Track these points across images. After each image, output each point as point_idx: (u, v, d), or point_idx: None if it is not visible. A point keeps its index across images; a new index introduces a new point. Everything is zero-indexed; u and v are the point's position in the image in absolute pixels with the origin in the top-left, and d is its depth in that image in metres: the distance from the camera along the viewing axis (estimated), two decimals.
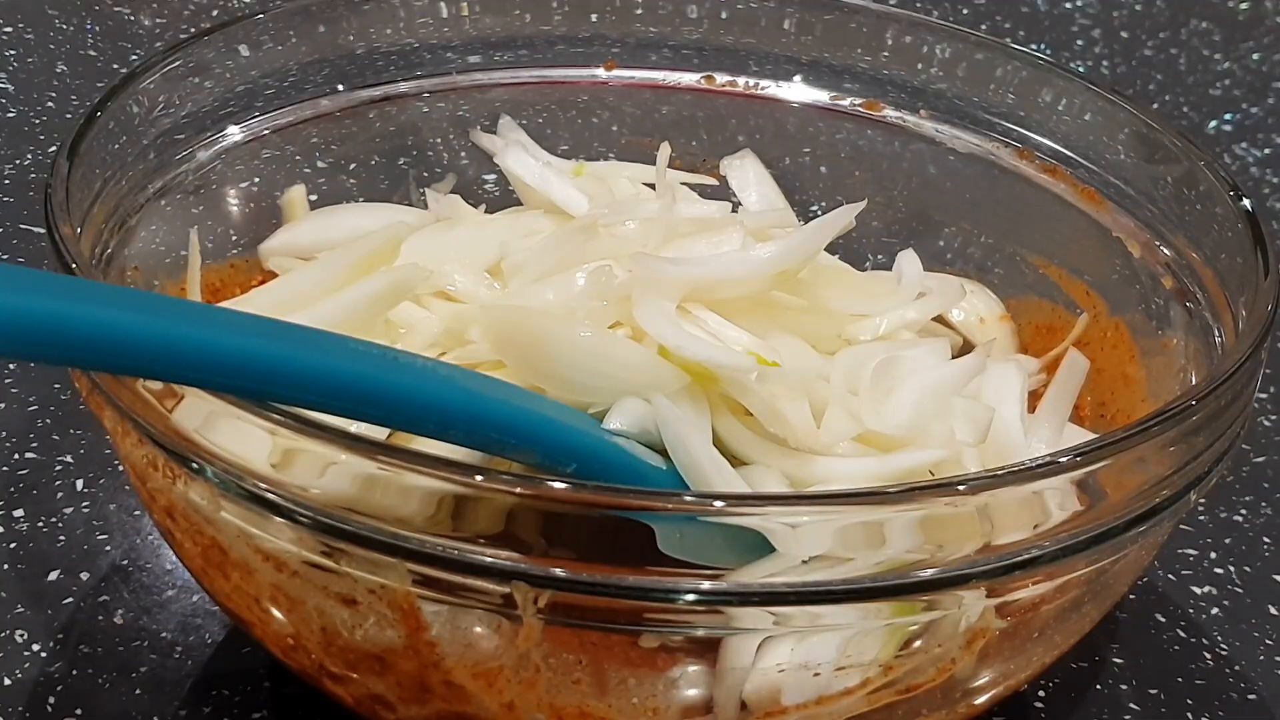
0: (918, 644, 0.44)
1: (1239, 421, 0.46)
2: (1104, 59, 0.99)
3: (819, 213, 0.64)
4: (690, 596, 0.40)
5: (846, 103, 0.64)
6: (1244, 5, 1.07)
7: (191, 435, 0.42)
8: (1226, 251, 0.53)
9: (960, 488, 0.41)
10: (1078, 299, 0.60)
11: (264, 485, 0.41)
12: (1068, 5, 1.06)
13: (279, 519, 0.41)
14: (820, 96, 0.65)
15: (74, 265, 0.45)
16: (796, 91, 0.65)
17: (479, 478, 0.39)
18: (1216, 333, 0.52)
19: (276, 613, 0.45)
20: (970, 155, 0.63)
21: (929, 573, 0.40)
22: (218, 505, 0.42)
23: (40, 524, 0.58)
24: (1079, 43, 1.01)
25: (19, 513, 0.58)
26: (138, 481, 0.47)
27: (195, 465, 0.42)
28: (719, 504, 0.40)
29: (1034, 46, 1.00)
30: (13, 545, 0.57)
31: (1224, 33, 1.03)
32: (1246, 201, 0.53)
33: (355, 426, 0.42)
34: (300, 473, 0.40)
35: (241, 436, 0.41)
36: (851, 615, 0.41)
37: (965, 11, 1.04)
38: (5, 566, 0.56)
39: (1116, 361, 0.57)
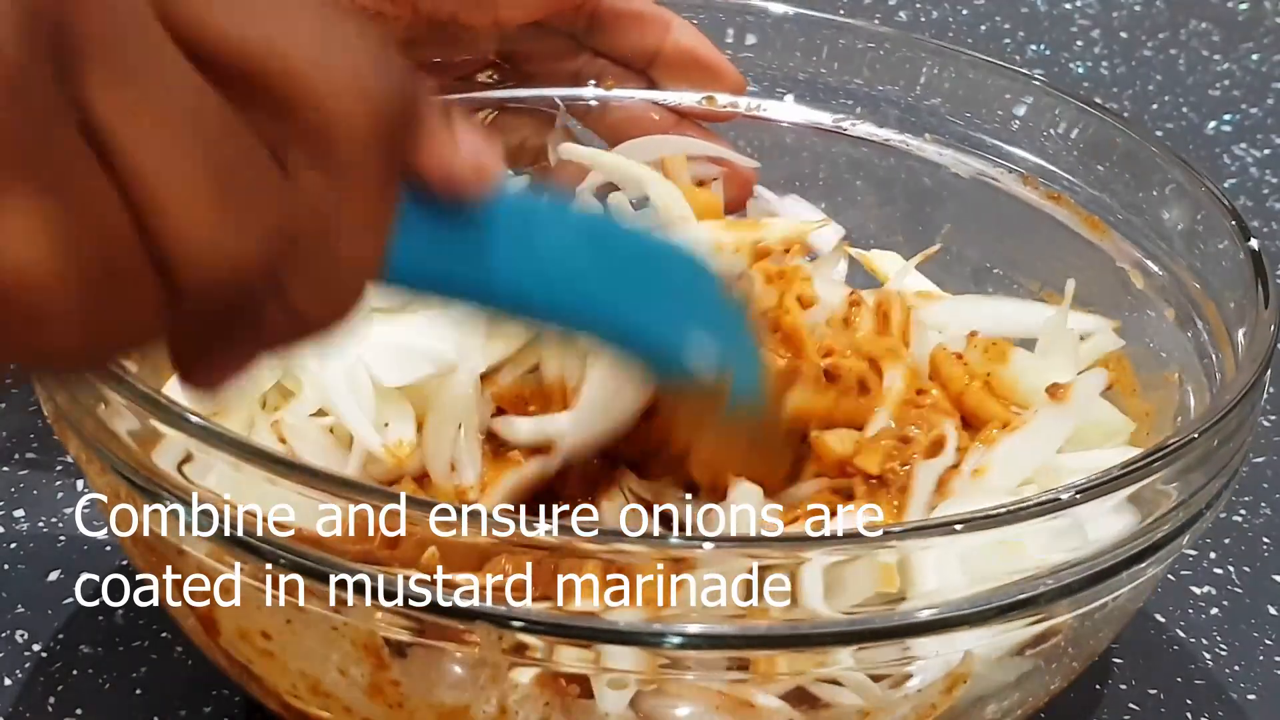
0: (903, 692, 0.43)
1: (1238, 458, 0.46)
2: (1104, 59, 0.99)
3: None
4: (676, 639, 0.39)
5: (848, 124, 0.64)
6: (1244, 5, 1.07)
7: (156, 467, 0.42)
8: (1228, 283, 0.53)
9: (957, 527, 0.40)
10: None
11: (226, 520, 0.40)
12: (1068, 5, 1.06)
13: (240, 553, 0.41)
14: (822, 118, 0.65)
15: None
16: (798, 113, 0.65)
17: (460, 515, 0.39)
18: (1216, 367, 0.52)
19: (235, 642, 0.45)
20: (974, 180, 0.62)
21: (926, 615, 0.40)
22: (177, 537, 0.42)
23: (40, 524, 0.58)
24: (1079, 43, 1.01)
25: (19, 513, 0.58)
26: (104, 506, 0.47)
27: (159, 497, 0.42)
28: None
29: (1034, 47, 1.00)
30: (13, 545, 0.57)
31: (1224, 33, 1.03)
32: (1253, 239, 0.52)
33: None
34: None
35: (209, 472, 0.41)
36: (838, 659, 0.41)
37: (965, 12, 1.04)
38: (5, 566, 0.56)
39: (1119, 395, 0.56)
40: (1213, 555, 0.61)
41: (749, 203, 0.63)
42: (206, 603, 0.44)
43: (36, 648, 0.53)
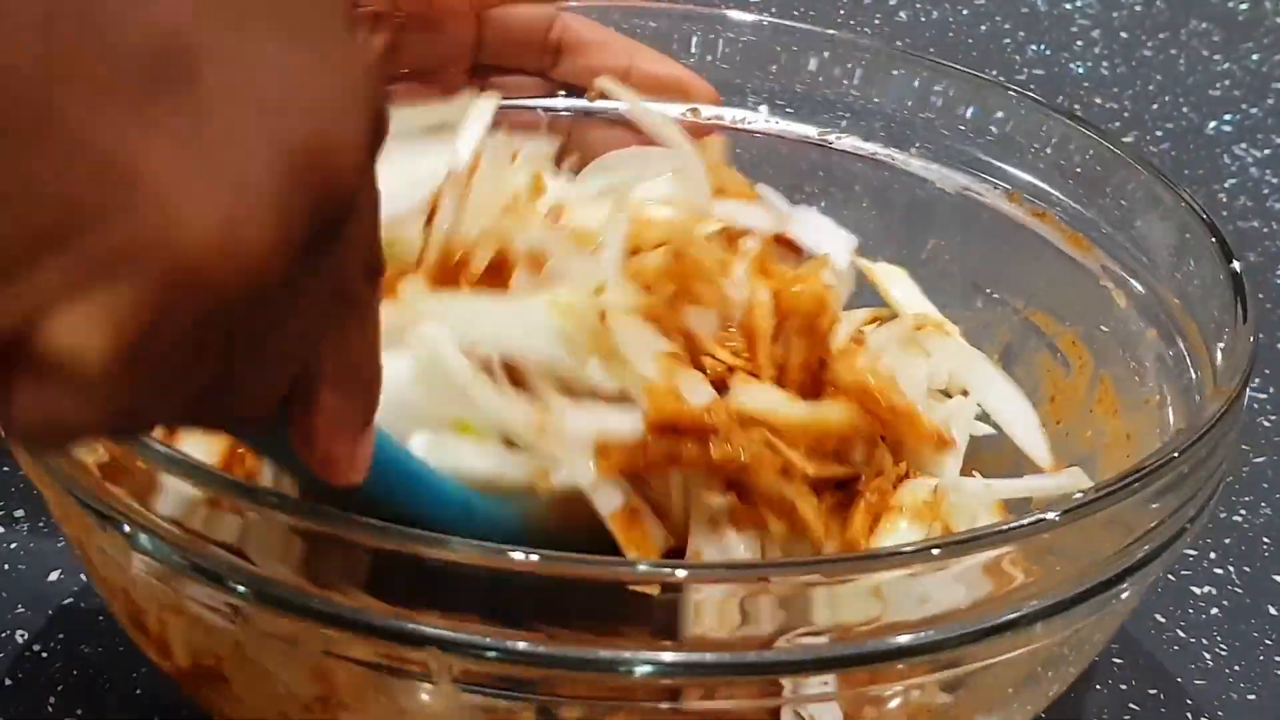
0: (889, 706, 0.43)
1: (1216, 477, 0.45)
2: (1104, 59, 0.99)
3: None
4: (645, 668, 0.38)
5: (833, 138, 0.64)
6: (1244, 5, 1.07)
7: (112, 492, 0.41)
8: (1209, 303, 0.52)
9: (934, 552, 0.40)
10: (1064, 348, 0.59)
11: (180, 545, 0.40)
12: (1068, 5, 1.06)
13: (195, 578, 0.40)
14: (808, 131, 0.64)
15: None
16: (782, 126, 0.64)
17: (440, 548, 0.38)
18: (1196, 388, 0.51)
19: (188, 662, 0.45)
20: (960, 195, 0.62)
21: (906, 638, 0.39)
22: (129, 563, 0.42)
23: (40, 524, 0.58)
24: (1079, 43, 1.01)
25: (19, 513, 0.58)
26: (60, 523, 0.47)
27: (108, 520, 0.41)
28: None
29: (1034, 47, 1.00)
30: (13, 545, 0.57)
31: (1224, 33, 1.03)
32: (1235, 262, 0.52)
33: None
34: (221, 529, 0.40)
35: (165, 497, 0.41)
36: (815, 687, 0.40)
37: (965, 12, 1.04)
38: (5, 566, 0.56)
39: (1101, 416, 0.56)
40: (1213, 555, 0.61)
41: None
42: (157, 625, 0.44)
43: (36, 648, 0.53)
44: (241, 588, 0.39)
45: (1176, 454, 0.43)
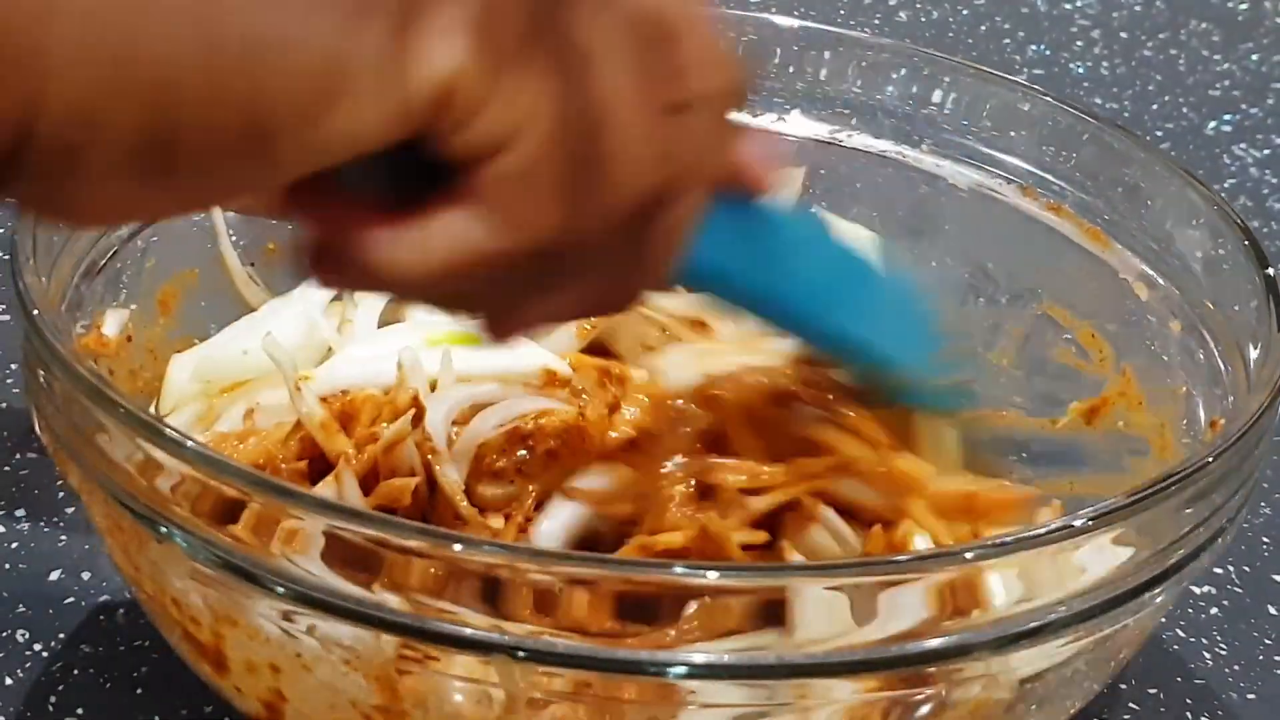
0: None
1: (1252, 478, 0.45)
2: (1104, 59, 0.99)
3: None
4: (680, 669, 0.38)
5: (844, 136, 0.64)
6: (1244, 5, 1.07)
7: (160, 496, 0.41)
8: (1237, 296, 0.52)
9: (968, 555, 0.40)
10: (1083, 342, 0.58)
11: (237, 553, 0.40)
12: (1068, 5, 1.06)
13: (250, 586, 0.40)
14: (819, 130, 0.64)
15: (35, 311, 0.44)
16: (794, 125, 0.64)
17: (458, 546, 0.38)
18: (1227, 382, 0.51)
19: (243, 675, 0.44)
20: (973, 191, 0.62)
21: (937, 643, 0.39)
22: (185, 570, 0.42)
23: (41, 524, 0.58)
24: (1079, 43, 1.01)
25: (19, 513, 0.58)
26: (106, 534, 0.46)
27: (164, 530, 0.41)
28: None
29: (1034, 47, 1.00)
30: (13, 545, 0.57)
31: (1224, 33, 1.03)
32: (1266, 265, 0.51)
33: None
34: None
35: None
36: (847, 691, 0.40)
37: (965, 12, 1.04)
38: (6, 566, 0.56)
39: (1124, 409, 0.56)
40: None
41: None
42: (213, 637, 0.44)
43: (37, 647, 0.53)
44: (297, 594, 0.39)
45: (1211, 459, 0.43)
